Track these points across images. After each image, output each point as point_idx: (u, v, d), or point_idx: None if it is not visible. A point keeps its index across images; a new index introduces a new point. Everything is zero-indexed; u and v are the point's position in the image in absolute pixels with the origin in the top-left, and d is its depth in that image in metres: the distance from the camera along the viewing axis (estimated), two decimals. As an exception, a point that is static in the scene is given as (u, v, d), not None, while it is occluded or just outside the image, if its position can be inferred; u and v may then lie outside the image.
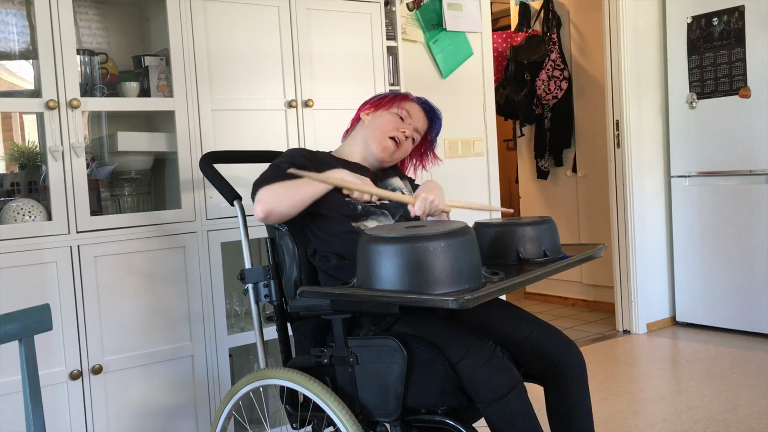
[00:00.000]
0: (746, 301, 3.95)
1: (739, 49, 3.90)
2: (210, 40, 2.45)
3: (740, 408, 2.89)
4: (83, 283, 2.19)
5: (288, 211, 1.84)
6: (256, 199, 1.85)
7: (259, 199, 1.83)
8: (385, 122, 2.07)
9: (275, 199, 1.83)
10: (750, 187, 3.91)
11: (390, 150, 2.04)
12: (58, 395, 2.16)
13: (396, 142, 2.05)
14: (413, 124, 2.09)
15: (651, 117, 4.26)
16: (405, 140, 2.07)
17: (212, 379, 2.43)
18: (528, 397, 1.62)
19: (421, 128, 2.12)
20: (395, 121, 2.07)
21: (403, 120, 2.08)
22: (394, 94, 2.16)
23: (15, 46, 2.27)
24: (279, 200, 1.83)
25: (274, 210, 1.82)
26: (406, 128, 2.06)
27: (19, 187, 2.35)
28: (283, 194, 1.83)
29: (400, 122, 2.07)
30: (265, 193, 1.84)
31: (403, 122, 2.08)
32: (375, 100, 2.16)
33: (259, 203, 1.83)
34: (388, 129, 2.05)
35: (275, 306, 1.96)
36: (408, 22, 3.42)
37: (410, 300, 1.44)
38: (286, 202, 1.83)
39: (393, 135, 2.04)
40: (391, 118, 2.07)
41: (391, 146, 2.04)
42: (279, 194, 1.83)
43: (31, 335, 1.41)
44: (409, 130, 2.07)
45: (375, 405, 1.67)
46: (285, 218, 1.86)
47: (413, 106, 2.12)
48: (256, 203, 1.84)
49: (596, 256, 1.83)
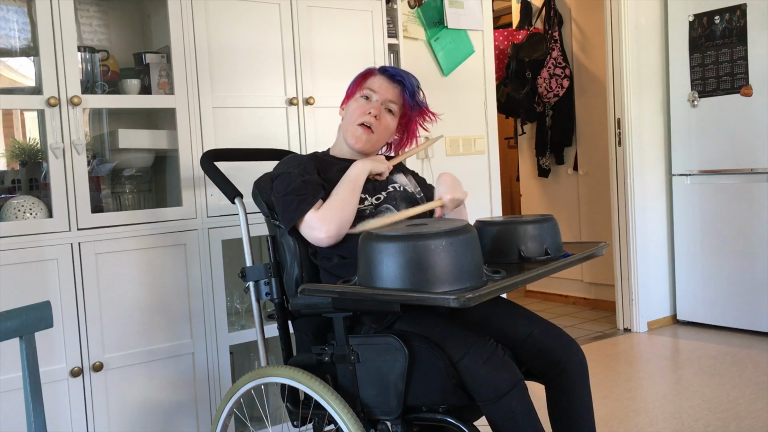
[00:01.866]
0: (747, 300, 3.95)
1: (740, 48, 3.89)
2: (211, 38, 2.44)
3: (741, 406, 2.89)
4: (84, 280, 2.19)
5: (348, 226, 1.84)
6: (311, 227, 1.82)
7: (315, 227, 1.82)
8: (351, 111, 2.02)
9: (341, 224, 1.83)
10: (751, 185, 3.91)
11: (363, 137, 1.99)
12: (59, 392, 2.16)
13: (366, 126, 2.00)
14: (380, 98, 2.01)
15: (652, 115, 4.26)
16: (375, 120, 2.00)
17: (213, 376, 2.43)
18: (529, 396, 1.62)
19: (392, 97, 2.02)
20: (360, 106, 2.01)
21: (368, 98, 2.01)
22: (360, 76, 2.08)
23: (16, 43, 2.27)
24: (344, 222, 1.83)
25: (341, 233, 1.83)
26: (371, 108, 1.99)
27: (20, 184, 2.34)
28: (343, 215, 1.83)
29: (365, 104, 2.01)
30: (326, 221, 1.82)
31: (369, 101, 2.01)
32: (348, 91, 2.10)
33: (320, 231, 1.81)
34: (355, 117, 2.00)
35: (276, 304, 1.96)
36: (409, 19, 3.41)
37: (411, 298, 1.44)
38: (347, 218, 1.84)
39: (360, 121, 1.99)
40: (356, 105, 2.02)
41: (363, 133, 1.99)
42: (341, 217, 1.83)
43: (32, 332, 1.41)
44: (375, 108, 1.99)
45: (376, 403, 1.67)
46: None
47: (375, 80, 2.03)
48: (314, 231, 1.82)
49: (597, 254, 1.83)
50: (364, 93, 2.02)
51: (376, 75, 2.05)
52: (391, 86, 2.03)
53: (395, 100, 2.03)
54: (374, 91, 2.02)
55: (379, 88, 2.02)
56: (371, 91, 2.02)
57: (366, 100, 2.02)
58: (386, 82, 2.03)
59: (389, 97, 2.02)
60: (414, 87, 2.05)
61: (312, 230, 1.83)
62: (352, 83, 2.09)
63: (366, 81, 2.05)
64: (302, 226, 1.85)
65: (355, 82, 2.08)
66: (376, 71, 2.06)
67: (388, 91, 2.02)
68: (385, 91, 2.02)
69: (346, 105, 2.09)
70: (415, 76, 2.09)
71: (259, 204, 2.00)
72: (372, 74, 2.06)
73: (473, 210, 3.53)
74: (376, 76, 2.05)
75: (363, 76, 2.07)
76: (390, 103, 2.02)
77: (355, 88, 2.07)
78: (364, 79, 2.06)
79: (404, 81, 2.03)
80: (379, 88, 2.02)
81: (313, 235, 1.83)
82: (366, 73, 2.07)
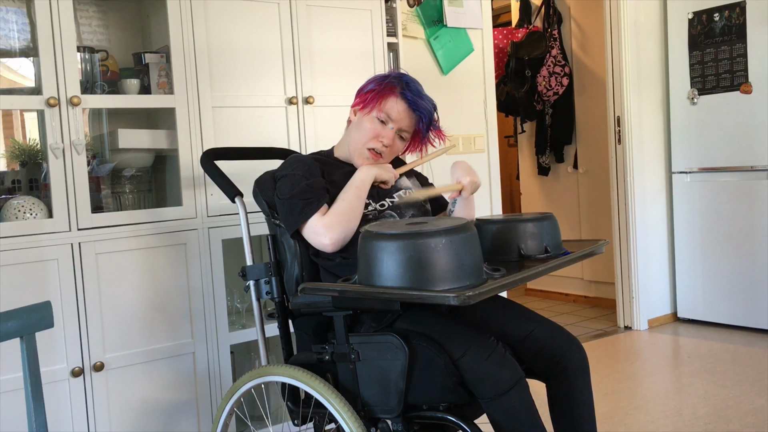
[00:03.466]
0: (747, 297, 3.95)
1: (740, 45, 3.89)
2: (210, 37, 2.44)
3: (741, 404, 2.89)
4: (84, 280, 2.19)
5: (353, 232, 1.83)
6: (315, 232, 1.81)
7: (320, 233, 1.81)
8: (364, 132, 1.97)
9: (346, 231, 1.82)
10: (751, 183, 3.91)
11: (369, 160, 1.97)
12: (60, 392, 2.16)
13: (376, 152, 1.97)
14: (395, 126, 1.96)
15: (652, 113, 4.26)
16: (387, 148, 1.97)
17: (214, 376, 2.43)
18: (530, 393, 1.62)
19: (407, 126, 1.98)
20: (374, 129, 1.96)
21: (384, 123, 1.96)
22: (380, 90, 1.97)
23: (15, 44, 2.27)
24: (349, 229, 1.82)
25: (346, 239, 1.82)
26: (385, 136, 1.96)
27: (20, 184, 2.35)
28: (348, 222, 1.82)
29: (379, 128, 1.96)
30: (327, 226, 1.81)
31: (384, 126, 1.96)
32: (364, 93, 2.02)
33: (325, 237, 1.80)
34: (366, 140, 1.96)
35: (276, 303, 1.96)
36: (408, 18, 3.41)
37: (412, 296, 1.44)
38: (351, 227, 1.83)
39: (371, 146, 1.96)
40: (370, 126, 1.96)
41: (371, 158, 1.97)
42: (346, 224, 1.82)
43: (33, 332, 1.41)
44: (388, 138, 1.96)
45: (376, 402, 1.67)
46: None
47: (394, 106, 1.95)
48: (319, 236, 1.81)
49: (597, 252, 1.83)
50: (382, 117, 1.96)
51: (397, 98, 1.96)
52: (408, 115, 1.97)
53: (409, 129, 2.00)
54: (392, 119, 1.96)
55: (397, 116, 1.96)
56: (389, 118, 1.96)
57: (382, 125, 1.96)
58: (405, 111, 1.96)
59: (404, 126, 1.98)
60: (431, 117, 2.01)
61: (317, 236, 1.82)
62: (372, 93, 1.98)
63: (386, 102, 1.96)
64: (306, 231, 1.85)
65: (376, 94, 1.97)
66: (398, 92, 1.96)
67: (405, 120, 1.97)
68: (402, 120, 1.97)
69: (359, 112, 2.01)
70: (433, 100, 2.03)
71: (259, 203, 2.00)
72: (393, 95, 1.96)
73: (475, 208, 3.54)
74: (397, 101, 1.96)
75: (384, 94, 1.97)
76: (403, 131, 1.99)
77: (374, 101, 1.97)
78: (385, 98, 1.96)
79: (422, 115, 1.98)
80: (396, 117, 1.96)
81: (318, 240, 1.82)
82: (388, 91, 1.97)
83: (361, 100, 2.01)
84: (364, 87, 2.04)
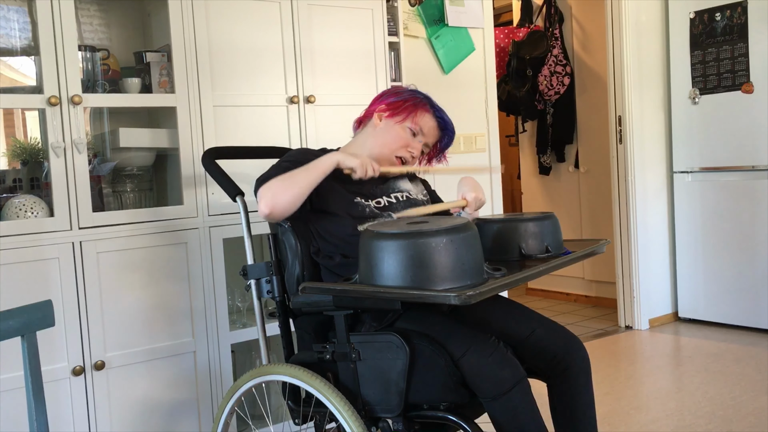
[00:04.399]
0: (748, 297, 3.95)
1: (741, 45, 3.89)
2: (211, 36, 2.44)
3: (742, 403, 2.89)
4: (85, 279, 2.19)
5: (290, 203, 1.82)
6: (258, 197, 1.84)
7: (261, 197, 1.82)
8: (395, 138, 2.01)
9: (276, 194, 1.81)
10: (752, 182, 3.90)
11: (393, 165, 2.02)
12: (61, 391, 2.16)
13: (402, 161, 2.03)
14: (423, 140, 2.04)
15: (653, 112, 4.26)
16: (412, 159, 2.04)
17: (214, 375, 2.43)
18: (531, 393, 1.62)
19: (431, 141, 2.08)
20: (405, 138, 2.01)
21: (415, 135, 2.02)
22: (413, 102, 2.03)
23: (16, 43, 2.27)
24: (280, 194, 1.81)
25: (276, 204, 1.80)
26: (415, 148, 2.02)
27: (21, 183, 2.35)
28: (282, 187, 1.82)
29: (410, 139, 2.02)
30: (265, 190, 1.82)
31: (414, 138, 2.02)
32: (392, 101, 2.05)
33: (261, 200, 1.82)
34: (397, 147, 2.01)
35: (277, 302, 1.96)
36: (410, 17, 3.41)
37: (412, 296, 1.44)
38: (287, 194, 1.81)
39: (401, 154, 2.02)
40: (402, 134, 2.01)
41: (395, 164, 2.02)
42: (279, 188, 1.82)
43: (34, 331, 1.41)
44: (417, 149, 2.03)
45: (377, 401, 1.67)
46: (289, 211, 1.84)
47: (428, 121, 2.03)
48: (259, 201, 1.83)
49: (598, 251, 1.83)
50: (415, 129, 2.02)
51: (430, 115, 2.04)
52: (436, 132, 2.07)
53: (431, 144, 2.09)
54: (423, 133, 2.03)
55: (428, 131, 2.04)
56: (421, 132, 2.03)
57: (413, 137, 2.02)
58: (435, 129, 2.06)
59: (430, 142, 2.07)
60: (450, 143, 2.12)
61: (258, 202, 1.83)
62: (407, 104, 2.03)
63: (420, 115, 2.02)
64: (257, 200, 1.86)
65: (407, 108, 2.02)
66: (430, 108, 2.04)
67: (433, 137, 2.07)
68: (431, 136, 2.06)
69: (388, 119, 2.03)
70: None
71: (259, 201, 2.00)
72: (427, 111, 2.04)
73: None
74: (429, 118, 2.04)
75: (418, 106, 2.03)
76: (427, 147, 2.08)
77: (407, 111, 2.02)
78: (419, 111, 2.02)
79: (449, 136, 2.09)
80: (427, 132, 2.04)
81: (258, 207, 1.83)
82: (422, 105, 2.03)
83: (391, 107, 2.04)
84: (386, 94, 2.10)
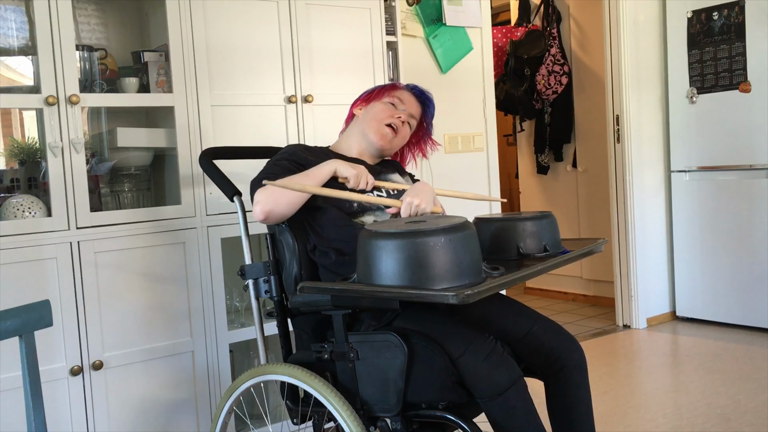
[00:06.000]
0: (746, 296, 3.95)
1: (739, 44, 3.89)
2: (209, 36, 2.44)
3: (740, 402, 2.89)
4: (83, 279, 2.19)
5: (287, 210, 1.85)
6: (254, 201, 1.84)
7: (257, 201, 1.83)
8: (380, 111, 2.10)
9: (273, 200, 1.82)
10: (750, 181, 3.91)
11: (389, 137, 2.06)
12: (59, 391, 2.16)
13: (393, 128, 2.07)
14: (407, 110, 2.11)
15: (651, 112, 4.26)
16: (402, 125, 2.09)
17: (213, 374, 2.43)
18: (528, 392, 1.62)
19: (415, 113, 2.14)
20: (389, 109, 2.09)
21: (395, 107, 2.10)
22: (383, 85, 2.19)
23: (14, 42, 2.27)
24: (276, 200, 1.82)
25: (273, 211, 1.83)
26: (401, 114, 2.09)
27: (19, 183, 2.34)
28: (279, 194, 1.83)
29: (394, 109, 2.10)
30: (262, 195, 1.83)
31: (397, 108, 2.10)
32: (365, 95, 2.19)
33: (257, 205, 1.83)
34: (384, 117, 2.08)
35: (275, 302, 1.96)
36: (407, 17, 3.41)
37: (411, 295, 1.44)
38: (284, 201, 1.83)
39: (389, 122, 2.07)
40: (384, 107, 2.10)
41: (389, 133, 2.06)
42: (275, 194, 1.83)
43: (32, 331, 1.41)
44: (404, 115, 2.09)
45: (375, 400, 1.67)
46: (285, 217, 1.86)
47: (404, 93, 2.14)
48: (255, 205, 1.84)
49: (596, 250, 1.83)
50: (393, 101, 2.11)
51: (403, 90, 2.16)
52: (416, 103, 2.15)
53: (416, 117, 2.16)
54: (402, 102, 2.12)
55: (407, 101, 2.13)
56: (399, 101, 2.12)
57: (393, 107, 2.10)
58: (413, 99, 2.15)
59: (412, 112, 2.14)
60: (433, 113, 2.19)
61: (254, 205, 1.84)
62: (377, 89, 2.17)
63: (395, 91, 2.15)
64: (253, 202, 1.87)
65: (381, 89, 2.17)
66: (403, 86, 2.17)
67: (413, 106, 2.14)
68: (411, 105, 2.13)
69: (366, 107, 2.15)
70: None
71: (256, 202, 2.00)
72: (399, 88, 2.17)
73: (473, 207, 3.54)
74: (404, 91, 2.16)
75: (390, 86, 2.17)
76: (412, 117, 2.13)
77: (380, 93, 2.15)
78: (392, 90, 2.15)
79: (429, 103, 2.17)
80: (407, 102, 2.12)
81: (253, 210, 1.84)
82: (393, 85, 2.18)
83: (367, 95, 2.18)
84: (365, 92, 2.21)
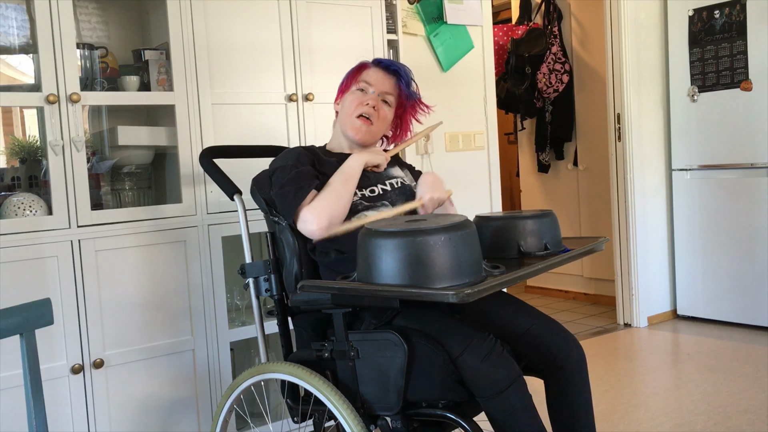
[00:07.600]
0: (747, 295, 3.95)
1: (740, 42, 3.89)
2: (210, 34, 2.44)
3: (741, 401, 2.89)
4: (84, 277, 2.19)
5: (341, 219, 1.84)
6: (303, 220, 1.82)
7: (307, 220, 1.82)
8: (349, 103, 2.04)
9: (329, 215, 1.82)
10: (751, 180, 3.91)
11: (363, 128, 2.02)
12: (60, 389, 2.16)
13: (365, 117, 2.02)
14: (376, 90, 2.03)
15: (652, 110, 4.25)
16: (374, 111, 2.02)
17: (213, 373, 2.43)
18: (528, 391, 1.62)
19: (388, 89, 2.05)
20: (357, 99, 2.03)
21: (364, 91, 2.04)
22: (351, 70, 2.10)
23: (15, 41, 2.27)
24: (332, 214, 1.82)
25: (331, 226, 1.82)
26: (368, 99, 2.02)
27: (20, 181, 2.35)
28: (330, 207, 1.83)
29: (361, 96, 2.03)
30: (313, 213, 1.82)
31: (365, 93, 2.03)
32: (340, 87, 2.12)
33: (312, 223, 1.81)
34: (352, 109, 2.02)
35: (276, 300, 1.96)
36: (408, 15, 3.41)
37: (411, 294, 1.44)
38: (338, 213, 1.83)
39: (359, 113, 2.01)
40: (352, 98, 2.04)
41: (363, 124, 2.01)
42: (328, 209, 1.82)
43: (32, 329, 1.41)
44: (372, 99, 2.02)
45: (376, 399, 1.67)
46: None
47: (370, 73, 2.06)
48: (306, 224, 1.82)
49: (597, 249, 1.83)
50: (360, 86, 2.04)
51: (370, 68, 2.08)
52: (386, 78, 2.06)
53: (391, 92, 2.06)
54: (370, 83, 2.04)
55: (375, 80, 2.04)
56: (367, 84, 2.04)
57: (362, 93, 2.04)
58: (381, 74, 2.06)
59: (385, 89, 2.05)
60: (408, 77, 2.08)
61: (305, 224, 1.83)
62: (346, 77, 2.10)
63: (361, 74, 2.07)
64: (297, 220, 1.85)
65: (349, 76, 2.09)
66: (370, 64, 2.09)
67: (384, 82, 2.05)
68: (381, 83, 2.05)
69: (341, 99, 2.10)
70: (409, 67, 2.11)
71: (257, 201, 2.00)
72: (366, 67, 2.08)
73: (474, 206, 3.54)
74: (371, 69, 2.07)
75: (357, 70, 2.08)
76: (386, 94, 2.05)
77: (349, 81, 2.08)
78: (359, 73, 2.07)
79: (399, 71, 2.06)
80: (375, 81, 2.04)
81: (306, 228, 1.83)
82: (360, 67, 2.09)
83: (339, 89, 2.12)
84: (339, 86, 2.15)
